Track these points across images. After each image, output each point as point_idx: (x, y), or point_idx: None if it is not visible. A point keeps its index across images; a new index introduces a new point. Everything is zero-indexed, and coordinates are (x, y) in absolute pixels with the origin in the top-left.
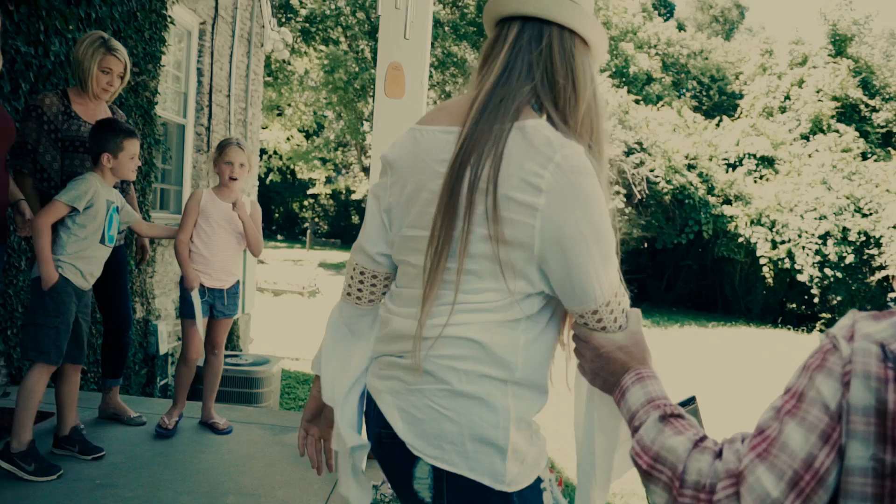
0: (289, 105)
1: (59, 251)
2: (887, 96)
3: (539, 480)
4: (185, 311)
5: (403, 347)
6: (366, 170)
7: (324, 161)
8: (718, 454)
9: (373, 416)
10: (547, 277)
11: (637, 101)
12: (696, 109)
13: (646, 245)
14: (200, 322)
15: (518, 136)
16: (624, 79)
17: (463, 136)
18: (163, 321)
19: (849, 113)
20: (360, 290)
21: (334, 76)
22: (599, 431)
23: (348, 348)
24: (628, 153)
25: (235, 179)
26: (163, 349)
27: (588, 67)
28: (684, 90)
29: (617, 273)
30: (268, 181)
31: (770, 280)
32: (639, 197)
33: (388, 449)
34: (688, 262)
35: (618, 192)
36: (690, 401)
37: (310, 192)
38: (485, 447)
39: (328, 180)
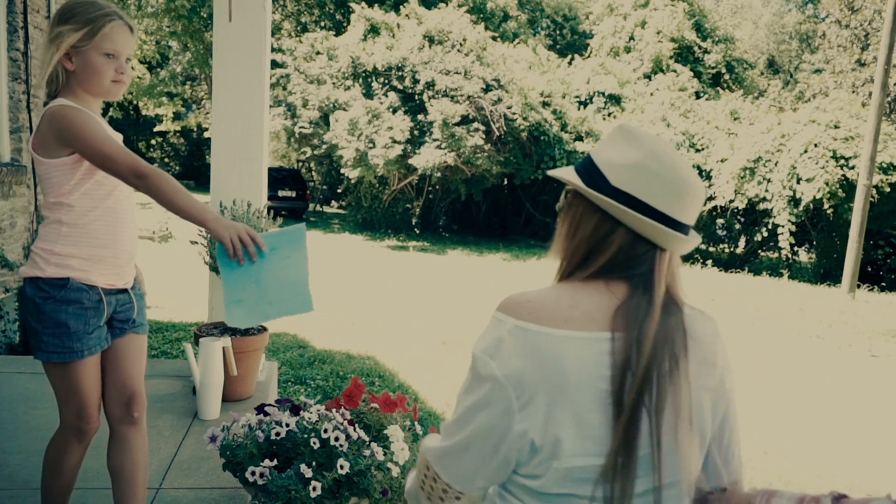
0: None
1: None
2: (717, 39)
3: None
4: (44, 338)
5: None
6: None
7: (171, 96)
8: None
9: None
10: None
11: (494, 38)
12: (550, 48)
13: (505, 181)
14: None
15: (689, 323)
16: (481, 15)
17: (646, 348)
18: None
19: (685, 54)
20: (430, 498)
21: (176, 2)
22: None
23: None
24: (486, 90)
25: (120, 83)
26: None
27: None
28: (539, 28)
29: None
30: (107, 118)
31: None
32: (497, 133)
33: None
34: (545, 198)
35: (477, 129)
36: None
37: (157, 129)
38: None
39: (177, 116)
